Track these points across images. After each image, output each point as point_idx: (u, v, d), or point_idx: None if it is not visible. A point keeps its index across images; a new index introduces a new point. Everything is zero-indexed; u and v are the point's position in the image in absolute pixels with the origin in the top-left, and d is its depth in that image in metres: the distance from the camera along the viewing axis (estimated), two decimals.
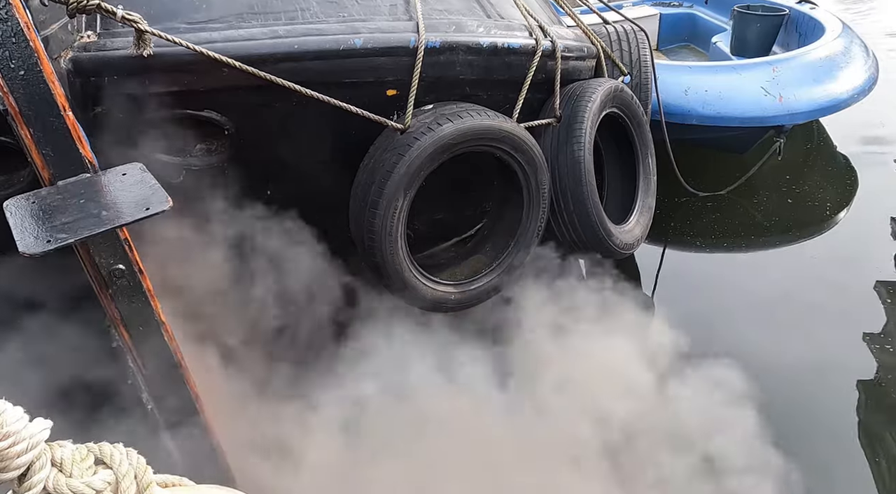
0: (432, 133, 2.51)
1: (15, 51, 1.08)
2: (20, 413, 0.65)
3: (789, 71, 4.22)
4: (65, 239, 1.03)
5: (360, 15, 2.47)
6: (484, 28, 2.67)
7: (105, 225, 1.07)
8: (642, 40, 3.85)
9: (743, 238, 4.06)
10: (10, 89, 1.08)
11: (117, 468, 0.72)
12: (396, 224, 2.58)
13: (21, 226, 1.05)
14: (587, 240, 3.22)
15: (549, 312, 2.85)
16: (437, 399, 2.41)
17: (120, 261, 1.27)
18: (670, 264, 3.97)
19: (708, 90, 4.16)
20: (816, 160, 5.06)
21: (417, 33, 2.44)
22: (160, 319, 1.39)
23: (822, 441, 2.65)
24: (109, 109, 2.17)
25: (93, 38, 2.14)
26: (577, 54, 3.14)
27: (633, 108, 3.48)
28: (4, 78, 1.07)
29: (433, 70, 2.51)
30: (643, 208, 3.67)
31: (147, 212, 1.11)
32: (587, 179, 3.03)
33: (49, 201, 1.12)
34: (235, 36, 2.23)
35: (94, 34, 2.16)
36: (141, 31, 1.95)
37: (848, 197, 4.47)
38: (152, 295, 1.37)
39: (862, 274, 3.63)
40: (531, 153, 2.85)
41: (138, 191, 1.18)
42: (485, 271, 3.06)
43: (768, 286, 3.61)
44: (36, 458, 0.66)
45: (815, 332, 3.22)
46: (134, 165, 1.25)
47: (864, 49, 4.74)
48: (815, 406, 2.81)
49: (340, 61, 2.34)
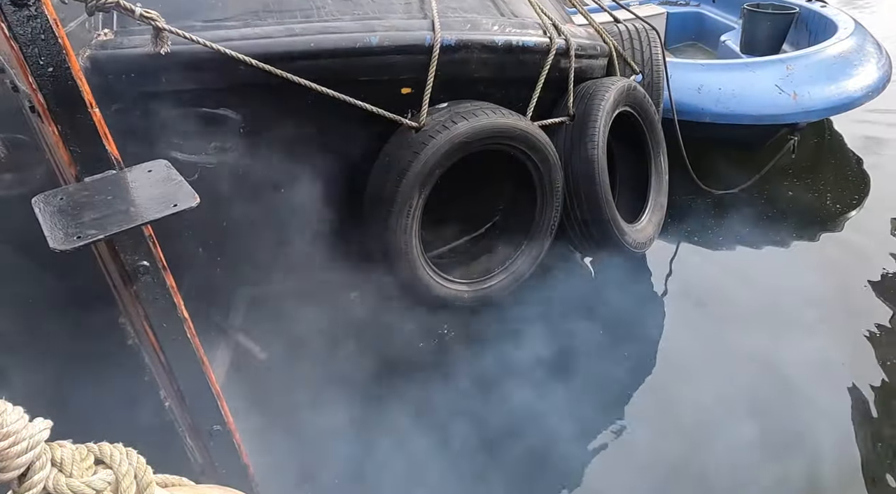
0: (447, 131, 2.51)
1: (44, 47, 1.08)
2: (20, 413, 0.65)
3: (803, 68, 4.19)
4: (94, 235, 1.03)
5: (375, 13, 2.47)
6: (498, 26, 2.66)
7: (134, 221, 1.07)
8: (654, 38, 3.83)
9: (757, 236, 4.04)
10: (39, 86, 1.08)
11: (117, 468, 0.72)
12: (411, 222, 2.58)
13: (51, 222, 1.05)
14: (600, 239, 3.21)
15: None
16: None
17: (145, 258, 1.27)
18: (682, 262, 3.95)
19: (721, 88, 4.14)
20: (828, 158, 5.03)
21: (433, 31, 2.43)
22: (183, 315, 1.39)
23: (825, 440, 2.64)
24: (126, 107, 2.18)
25: (110, 35, 2.15)
26: (589, 53, 3.13)
27: (646, 107, 3.47)
28: (34, 75, 1.07)
29: (448, 68, 2.50)
30: (655, 207, 3.66)
31: (175, 208, 1.11)
32: (601, 178, 3.02)
33: (77, 198, 1.12)
34: (252, 34, 2.23)
35: (111, 32, 2.16)
36: (159, 28, 1.95)
37: (861, 195, 4.44)
38: (175, 292, 1.37)
39: (879, 271, 3.61)
40: (545, 151, 2.84)
41: (165, 187, 1.18)
42: (498, 269, 3.06)
43: (782, 284, 3.59)
44: (36, 458, 0.65)
45: (825, 330, 3.20)
46: (159, 162, 1.25)
47: (878, 47, 4.71)
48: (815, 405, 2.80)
49: (356, 59, 2.33)
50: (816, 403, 2.80)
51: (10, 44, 1.07)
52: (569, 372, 2.96)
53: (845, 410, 2.76)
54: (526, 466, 2.57)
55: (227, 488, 0.96)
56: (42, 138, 1.60)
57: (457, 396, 2.79)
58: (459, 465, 2.51)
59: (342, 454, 2.53)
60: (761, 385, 2.90)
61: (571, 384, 2.90)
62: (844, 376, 2.93)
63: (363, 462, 2.51)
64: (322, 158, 2.66)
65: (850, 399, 2.82)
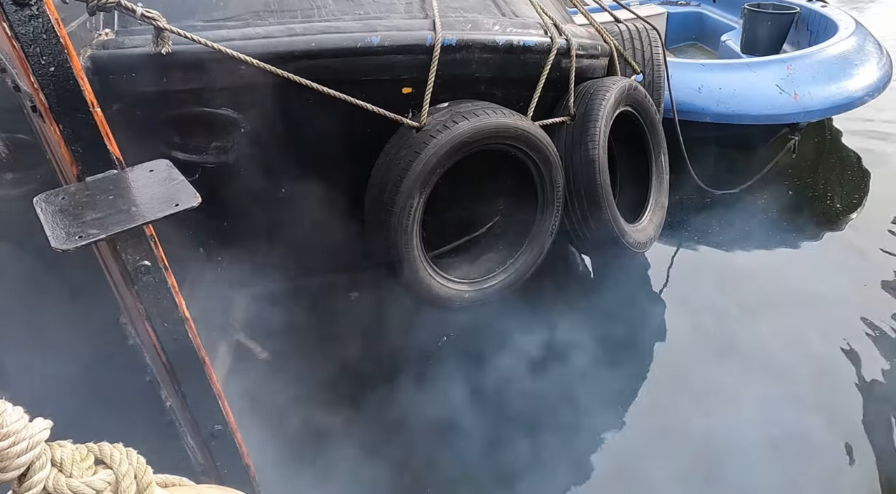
0: (448, 131, 2.51)
1: (46, 47, 1.08)
2: (20, 414, 0.65)
3: (804, 68, 4.20)
4: (96, 234, 1.03)
5: (376, 13, 2.47)
6: (499, 26, 2.66)
7: (135, 220, 1.07)
8: (654, 38, 3.83)
9: (757, 236, 4.04)
10: (41, 85, 1.08)
11: (117, 467, 0.71)
12: (412, 222, 2.57)
13: (52, 221, 1.05)
14: (600, 239, 3.21)
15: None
16: None
17: (146, 257, 1.27)
18: (683, 262, 3.95)
19: (722, 88, 4.14)
20: (828, 158, 5.03)
21: (434, 31, 2.43)
22: (185, 315, 1.39)
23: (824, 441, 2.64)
24: (127, 107, 2.18)
25: (111, 35, 2.15)
26: (590, 52, 3.13)
27: (646, 107, 3.46)
28: (35, 74, 1.07)
29: (449, 68, 2.50)
30: (656, 207, 3.66)
31: (176, 207, 1.11)
32: (601, 178, 3.02)
33: (78, 197, 1.12)
34: (253, 34, 2.23)
35: (111, 32, 2.16)
36: (160, 28, 1.95)
37: (861, 195, 4.44)
38: (177, 292, 1.37)
39: (879, 271, 3.61)
40: (546, 151, 2.84)
41: (166, 187, 1.18)
42: (498, 269, 3.05)
43: (783, 284, 3.59)
44: (36, 458, 0.65)
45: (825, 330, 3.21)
46: (160, 162, 1.25)
47: (878, 47, 4.71)
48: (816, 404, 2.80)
49: (357, 59, 2.33)
50: (818, 401, 2.81)
51: (11, 43, 1.08)
52: (568, 373, 2.96)
53: (847, 409, 2.76)
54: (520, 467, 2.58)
55: (227, 488, 0.95)
56: (43, 138, 1.60)
57: (443, 400, 2.81)
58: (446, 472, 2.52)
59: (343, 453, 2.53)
60: (761, 385, 2.90)
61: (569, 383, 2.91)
62: (844, 376, 2.94)
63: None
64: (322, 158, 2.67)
65: (851, 397, 2.82)
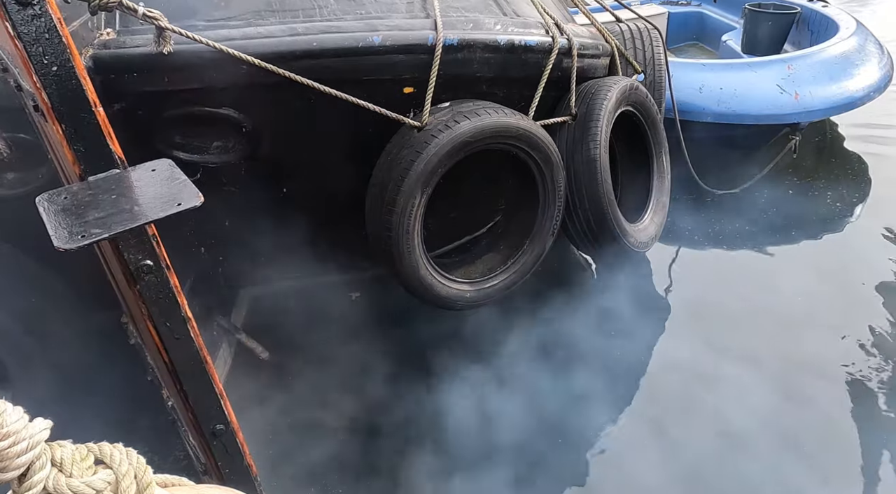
0: (449, 130, 2.51)
1: (48, 46, 1.08)
2: (20, 413, 0.65)
3: (805, 68, 4.20)
4: (99, 234, 1.03)
5: (377, 12, 2.47)
6: (501, 26, 2.66)
7: (138, 220, 1.07)
8: (656, 38, 3.83)
9: (758, 235, 4.04)
10: (44, 85, 1.08)
11: (117, 467, 0.71)
12: (413, 221, 2.57)
13: (55, 221, 1.05)
14: (602, 238, 3.21)
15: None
16: None
17: (148, 257, 1.26)
18: (684, 262, 3.95)
19: (723, 88, 4.14)
20: (829, 158, 5.03)
21: (435, 31, 2.43)
22: (186, 315, 1.39)
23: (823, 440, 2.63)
24: (128, 106, 2.18)
25: (112, 35, 2.15)
26: (592, 52, 3.13)
27: (648, 107, 3.46)
28: (38, 74, 1.07)
29: (450, 68, 2.50)
30: (657, 206, 3.66)
31: (179, 207, 1.11)
32: (603, 178, 3.01)
33: (81, 197, 1.12)
34: (254, 33, 2.23)
35: (113, 31, 2.16)
36: (161, 28, 1.95)
37: (862, 195, 4.44)
38: (179, 292, 1.37)
39: (880, 271, 3.61)
40: (548, 151, 2.84)
41: (168, 186, 1.18)
42: (500, 269, 3.05)
43: (783, 283, 3.58)
44: (36, 458, 0.65)
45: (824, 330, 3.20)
46: (163, 161, 1.25)
47: (879, 47, 4.71)
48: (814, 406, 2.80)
49: (359, 59, 2.33)
50: (816, 403, 2.80)
51: (14, 43, 1.07)
52: (566, 372, 2.96)
53: (848, 409, 2.76)
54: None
55: (227, 488, 0.95)
56: (46, 137, 1.60)
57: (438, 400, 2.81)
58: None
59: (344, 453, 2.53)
60: (761, 385, 2.89)
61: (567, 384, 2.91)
62: (844, 376, 2.93)
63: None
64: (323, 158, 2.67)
65: (849, 398, 2.81)
